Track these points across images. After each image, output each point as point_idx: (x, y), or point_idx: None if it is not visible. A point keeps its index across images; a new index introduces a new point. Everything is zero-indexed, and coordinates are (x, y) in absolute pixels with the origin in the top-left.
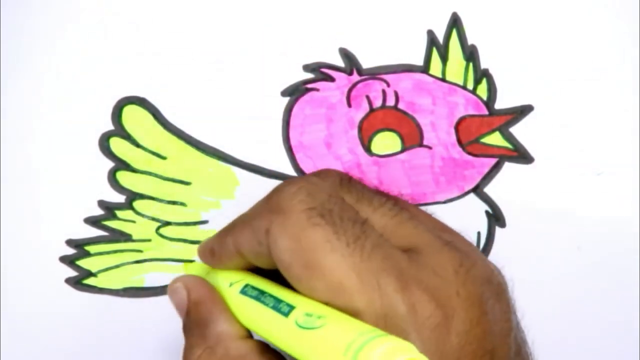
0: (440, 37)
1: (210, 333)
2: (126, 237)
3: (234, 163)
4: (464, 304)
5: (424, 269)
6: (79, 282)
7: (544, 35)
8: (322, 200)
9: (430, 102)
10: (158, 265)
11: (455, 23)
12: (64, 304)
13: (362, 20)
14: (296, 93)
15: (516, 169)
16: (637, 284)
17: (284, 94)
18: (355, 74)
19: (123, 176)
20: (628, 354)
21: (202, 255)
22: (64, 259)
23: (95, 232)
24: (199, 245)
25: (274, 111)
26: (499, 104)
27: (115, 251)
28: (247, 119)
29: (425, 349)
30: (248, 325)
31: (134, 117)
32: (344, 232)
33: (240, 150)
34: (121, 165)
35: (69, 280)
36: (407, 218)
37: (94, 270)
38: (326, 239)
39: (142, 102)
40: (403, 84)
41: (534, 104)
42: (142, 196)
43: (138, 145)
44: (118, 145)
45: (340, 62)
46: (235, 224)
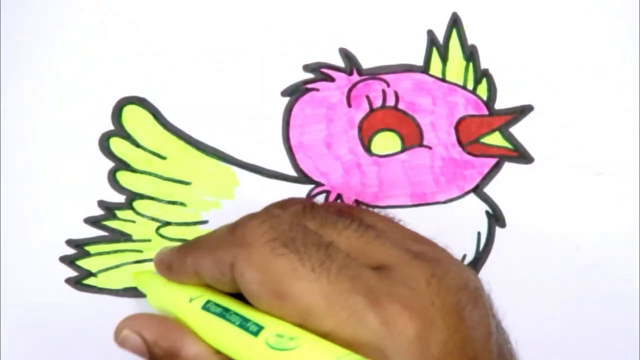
0: (440, 37)
1: None
2: (126, 237)
3: (234, 163)
4: (440, 314)
5: (395, 283)
6: (79, 282)
7: (544, 35)
8: (284, 230)
9: (430, 102)
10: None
11: (455, 23)
12: (64, 304)
13: (362, 20)
14: (296, 93)
15: (516, 169)
16: (637, 284)
17: (284, 94)
18: (355, 74)
19: (123, 176)
20: (628, 354)
21: (159, 268)
22: (64, 259)
23: (95, 232)
24: (155, 255)
25: (274, 111)
26: (499, 104)
27: (115, 251)
28: (247, 119)
29: None
30: (212, 343)
31: (134, 117)
32: (308, 258)
33: (240, 150)
34: (121, 165)
35: (69, 280)
36: (374, 236)
37: (94, 270)
38: (292, 267)
39: (142, 102)
40: (403, 84)
41: (534, 104)
42: (142, 196)
43: (138, 145)
44: (118, 145)
45: (340, 62)
46: (197, 247)
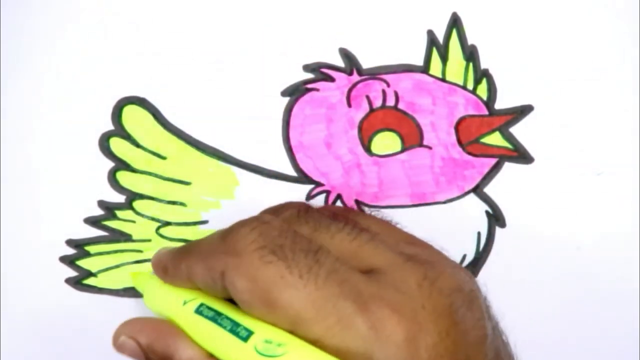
0: (440, 37)
1: None
2: (126, 237)
3: (234, 163)
4: (431, 317)
5: (384, 287)
6: (79, 282)
7: (544, 35)
8: (273, 237)
9: (430, 102)
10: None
11: (455, 23)
12: (64, 304)
13: (362, 20)
14: (296, 93)
15: (516, 169)
16: (637, 284)
17: (284, 94)
18: (355, 74)
19: (123, 176)
20: (628, 354)
21: (156, 269)
22: (64, 259)
23: (95, 232)
24: (153, 256)
25: (274, 111)
26: (499, 104)
27: (115, 251)
28: (247, 119)
29: None
30: (204, 346)
31: (134, 117)
32: (296, 265)
33: (240, 150)
34: (121, 165)
35: (69, 280)
36: (367, 240)
37: (94, 270)
38: (280, 275)
39: (142, 102)
40: (403, 84)
41: (534, 104)
42: (142, 196)
43: (138, 145)
44: (118, 145)
45: (340, 62)
46: (190, 254)
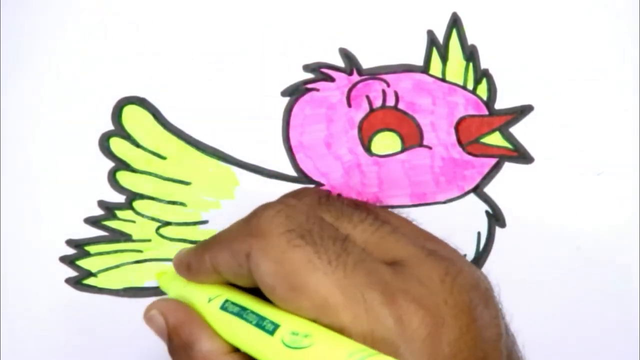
0: (440, 37)
1: (196, 354)
2: (126, 237)
3: (234, 163)
4: (452, 312)
5: (410, 280)
6: (79, 282)
7: (544, 35)
8: (301, 221)
9: (430, 102)
10: (158, 265)
11: (455, 23)
12: (64, 304)
13: (362, 20)
14: (296, 93)
15: (516, 169)
16: (637, 284)
17: (284, 94)
18: (355, 74)
19: (123, 176)
20: (628, 354)
21: (178, 269)
22: (64, 259)
23: (95, 232)
24: (174, 257)
25: (274, 111)
26: (499, 104)
27: (115, 251)
28: (247, 119)
29: None
30: (231, 341)
31: (134, 117)
32: (325, 251)
33: (240, 150)
34: (121, 165)
35: (69, 280)
36: (389, 232)
37: (94, 270)
38: (308, 259)
39: (142, 102)
40: (403, 84)
41: (534, 104)
42: (142, 196)
43: (138, 145)
44: (118, 145)
45: (340, 62)
46: (213, 243)
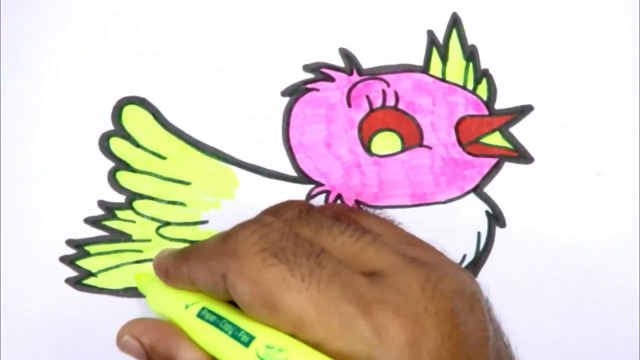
0: (440, 37)
1: None
2: (126, 237)
3: (234, 163)
4: (433, 320)
5: (387, 289)
6: (79, 282)
7: (544, 35)
8: (275, 239)
9: (430, 102)
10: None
11: (455, 23)
12: (64, 304)
13: (362, 20)
14: (296, 93)
15: (516, 169)
16: (637, 284)
17: (284, 94)
18: (355, 74)
19: (123, 176)
20: (628, 354)
21: (157, 272)
22: (64, 259)
23: (95, 232)
24: (155, 258)
25: (274, 111)
26: (499, 104)
27: (115, 251)
28: (247, 119)
29: None
30: (207, 350)
31: (134, 117)
32: (298, 268)
33: (240, 150)
34: (121, 165)
35: (69, 280)
36: (369, 241)
37: (94, 270)
38: (282, 278)
39: (142, 102)
40: (403, 84)
41: (534, 104)
42: (142, 196)
43: (138, 145)
44: (118, 145)
45: (340, 62)
46: (191, 256)
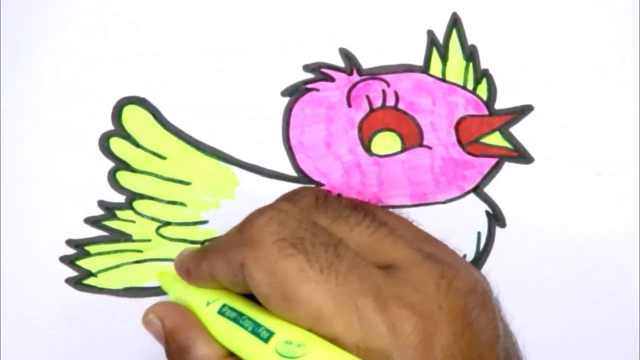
0: (440, 37)
1: (192, 358)
2: (126, 237)
3: (234, 163)
4: (446, 317)
5: (403, 285)
6: (79, 282)
7: (544, 35)
8: (293, 228)
9: (430, 102)
10: (158, 265)
11: (455, 23)
12: (64, 304)
13: (362, 20)
14: (296, 93)
15: (516, 169)
16: (637, 284)
17: (284, 94)
18: (355, 74)
19: (123, 176)
20: (628, 354)
21: (179, 272)
22: (64, 259)
23: (95, 232)
24: (176, 258)
25: (274, 111)
26: (499, 104)
27: (115, 251)
28: (247, 119)
29: None
30: (227, 346)
31: (134, 117)
32: (316, 259)
33: (240, 150)
34: (121, 165)
35: (69, 280)
36: (386, 233)
37: (94, 270)
38: (300, 269)
39: (142, 102)
40: (403, 84)
41: (534, 104)
42: (142, 196)
43: (138, 145)
44: (118, 145)
45: (340, 62)
46: (210, 252)
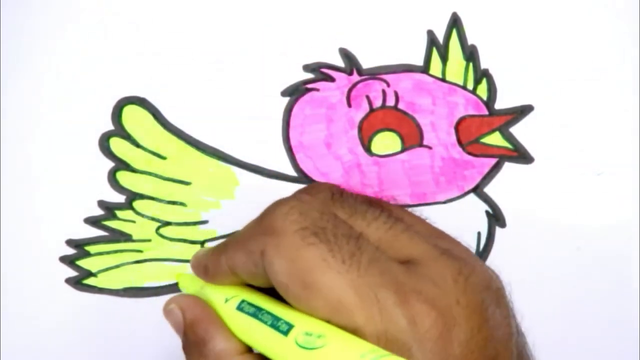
0: (440, 37)
1: (209, 352)
2: (126, 237)
3: (234, 163)
4: (464, 313)
5: (423, 279)
6: (79, 282)
7: (544, 35)
8: (315, 218)
9: (430, 102)
10: (158, 265)
11: (455, 23)
12: (64, 304)
13: (362, 20)
14: (296, 93)
15: (516, 169)
16: (637, 284)
17: (284, 94)
18: (355, 74)
19: (123, 176)
20: (628, 354)
21: (196, 271)
22: (64, 259)
23: (95, 232)
24: (192, 259)
25: (274, 111)
26: (499, 104)
27: (115, 251)
28: (247, 119)
29: None
30: (247, 342)
31: (134, 117)
32: (339, 250)
33: (240, 150)
34: (121, 165)
35: (69, 280)
36: (402, 229)
37: (94, 270)
38: (322, 258)
39: (142, 102)
40: (403, 84)
41: (534, 104)
42: (142, 196)
43: (138, 145)
44: (118, 145)
45: (340, 62)
46: (229, 245)
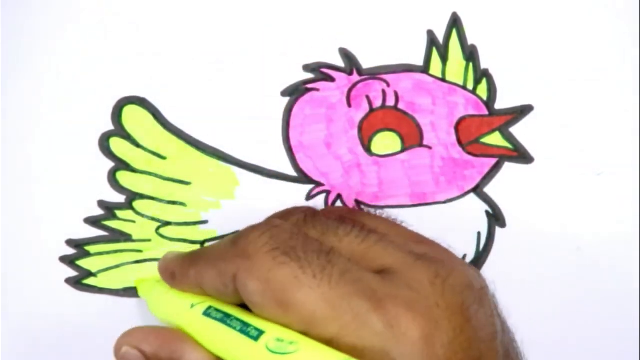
0: (440, 37)
1: None
2: (126, 237)
3: (234, 163)
4: (445, 314)
5: (398, 285)
6: (79, 282)
7: (544, 35)
8: (285, 239)
9: (430, 102)
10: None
11: (455, 23)
12: (64, 304)
13: (362, 20)
14: (296, 93)
15: (516, 169)
16: (637, 284)
17: (284, 94)
18: (355, 74)
19: (123, 176)
20: (628, 354)
21: (163, 275)
22: (64, 259)
23: (95, 232)
24: (160, 261)
25: (274, 111)
26: (499, 104)
27: (115, 251)
28: (247, 119)
29: None
30: (213, 349)
31: (134, 117)
32: (309, 265)
33: (240, 150)
34: (121, 165)
35: (69, 280)
36: (376, 240)
37: (94, 270)
38: (293, 275)
39: (142, 102)
40: (403, 84)
41: (534, 104)
42: (142, 196)
43: (138, 145)
44: (118, 145)
45: (340, 62)
46: (199, 259)
